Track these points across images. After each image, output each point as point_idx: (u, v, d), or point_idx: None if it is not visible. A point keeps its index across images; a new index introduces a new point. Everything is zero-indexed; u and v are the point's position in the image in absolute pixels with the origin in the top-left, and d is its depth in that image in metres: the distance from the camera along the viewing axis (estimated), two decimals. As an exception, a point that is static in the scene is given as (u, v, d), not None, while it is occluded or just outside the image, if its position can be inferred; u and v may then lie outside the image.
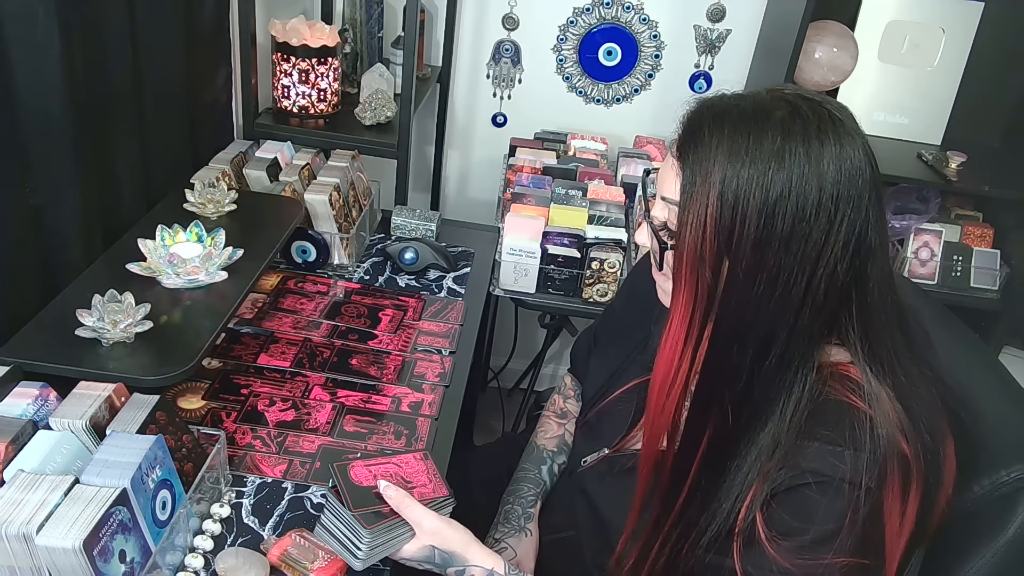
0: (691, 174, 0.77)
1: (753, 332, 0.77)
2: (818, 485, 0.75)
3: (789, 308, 0.75)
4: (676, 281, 0.80)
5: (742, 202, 0.74)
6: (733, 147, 0.75)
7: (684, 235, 0.77)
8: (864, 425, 0.75)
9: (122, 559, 0.79)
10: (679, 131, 0.81)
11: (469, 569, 0.90)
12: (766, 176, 0.73)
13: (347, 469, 0.94)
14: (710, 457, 0.80)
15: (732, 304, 0.77)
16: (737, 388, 0.78)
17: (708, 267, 0.76)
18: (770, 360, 0.77)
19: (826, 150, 0.74)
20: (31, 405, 0.89)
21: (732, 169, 0.74)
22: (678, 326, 0.80)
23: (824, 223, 0.74)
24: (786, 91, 0.79)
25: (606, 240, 1.63)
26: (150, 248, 1.16)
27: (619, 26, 2.10)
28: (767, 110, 0.76)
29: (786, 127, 0.75)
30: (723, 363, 0.79)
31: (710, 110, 0.79)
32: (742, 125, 0.75)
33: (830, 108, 0.77)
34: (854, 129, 0.77)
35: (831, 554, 0.73)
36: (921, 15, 1.92)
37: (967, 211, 2.05)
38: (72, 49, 1.07)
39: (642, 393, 0.98)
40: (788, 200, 0.73)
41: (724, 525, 0.78)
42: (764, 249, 0.74)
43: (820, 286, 0.75)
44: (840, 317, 0.78)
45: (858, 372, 0.78)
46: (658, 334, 1.02)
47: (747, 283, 0.75)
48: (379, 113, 1.73)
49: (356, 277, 1.52)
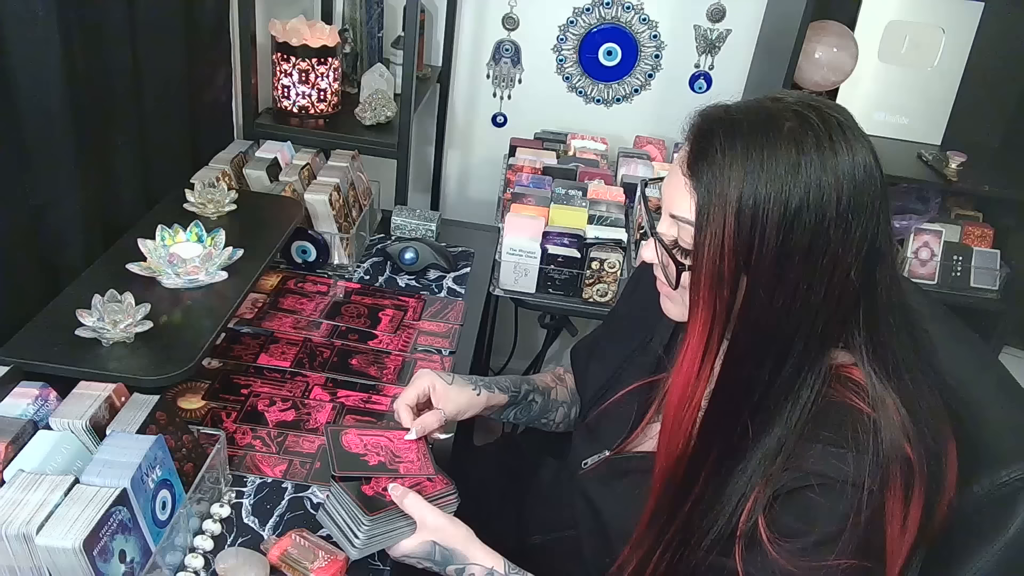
0: (707, 194, 0.75)
1: (771, 345, 0.76)
2: (821, 487, 0.74)
3: (806, 319, 0.75)
4: (693, 301, 0.79)
5: (761, 218, 0.73)
6: (748, 163, 0.73)
7: (701, 256, 0.76)
8: (867, 427, 0.75)
9: (122, 559, 0.79)
10: (687, 147, 0.79)
11: (469, 567, 0.90)
12: (783, 191, 0.72)
13: (340, 435, 0.96)
14: (718, 466, 0.80)
15: (750, 319, 0.76)
16: (754, 400, 0.78)
17: (727, 285, 0.75)
18: (786, 371, 0.77)
19: (840, 159, 0.73)
20: (31, 405, 0.89)
21: (749, 186, 0.73)
22: (696, 345, 0.79)
23: (841, 233, 0.73)
24: (789, 99, 0.78)
25: (606, 240, 1.63)
26: (150, 248, 1.16)
27: (619, 26, 2.10)
28: (777, 121, 0.75)
29: (799, 139, 0.74)
30: (740, 377, 0.78)
31: (719, 125, 0.77)
32: (755, 140, 0.74)
33: (837, 115, 0.76)
34: (861, 134, 0.77)
35: (833, 556, 0.73)
36: (921, 15, 1.92)
37: (967, 211, 2.05)
38: (72, 49, 1.07)
39: (643, 395, 0.98)
40: (806, 213, 0.72)
41: (726, 528, 0.78)
42: (783, 264, 0.73)
43: (835, 294, 0.75)
44: (849, 322, 0.78)
45: (861, 374, 0.78)
46: (660, 338, 1.02)
47: (766, 298, 0.74)
48: (379, 113, 1.73)
49: (356, 277, 1.52)
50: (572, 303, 1.67)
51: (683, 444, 0.82)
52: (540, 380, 1.20)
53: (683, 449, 0.82)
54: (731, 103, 0.80)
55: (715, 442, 0.80)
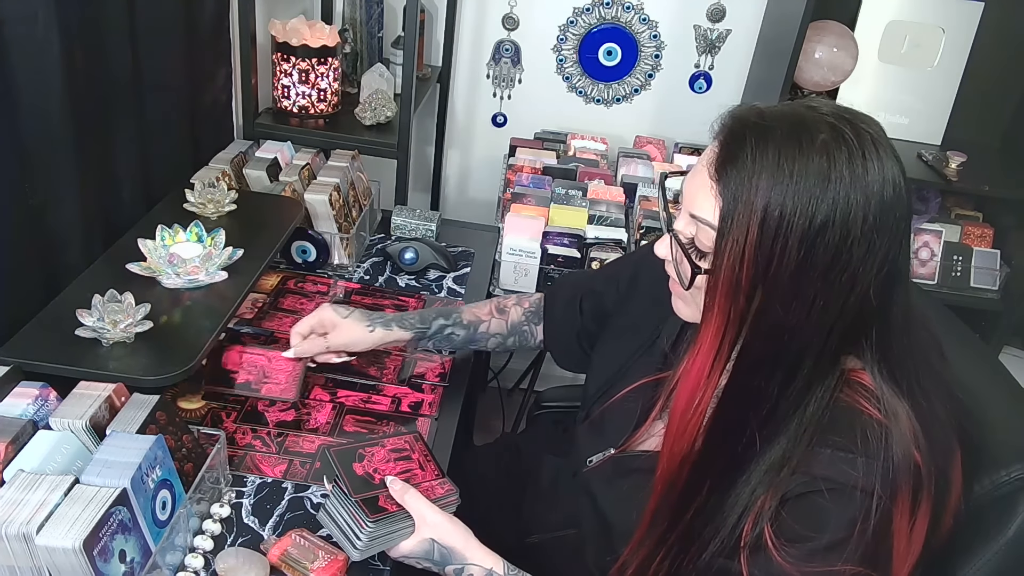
0: (733, 199, 0.74)
1: (782, 358, 0.75)
2: (830, 492, 0.74)
3: (819, 334, 0.74)
4: (707, 306, 0.78)
5: (784, 231, 0.71)
6: (778, 172, 0.72)
7: (721, 262, 0.75)
8: (877, 433, 0.74)
9: (122, 559, 0.79)
10: (716, 148, 0.77)
11: (468, 568, 0.90)
12: (811, 204, 0.71)
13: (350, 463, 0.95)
14: (723, 474, 0.79)
15: (763, 330, 0.75)
16: (762, 411, 0.77)
17: (743, 294, 0.74)
18: (795, 384, 0.76)
19: (870, 177, 0.72)
20: (31, 405, 0.89)
21: (776, 196, 0.71)
22: (707, 351, 0.78)
23: (863, 252, 0.72)
24: (824, 108, 0.76)
25: (606, 240, 1.63)
26: (150, 248, 1.16)
27: (619, 26, 2.10)
28: (811, 133, 0.73)
29: (831, 152, 0.72)
30: (749, 386, 0.77)
31: (752, 130, 0.75)
32: (787, 150, 0.72)
33: (872, 131, 0.75)
34: (892, 150, 0.75)
35: (840, 562, 0.72)
36: (921, 15, 1.92)
37: (967, 211, 2.05)
38: (72, 49, 1.07)
39: (648, 393, 0.98)
40: (831, 230, 0.71)
41: (729, 539, 0.77)
42: (802, 277, 0.72)
43: (851, 312, 0.74)
44: (861, 340, 0.77)
45: (870, 378, 0.77)
46: (668, 334, 1.02)
47: (781, 310, 0.73)
48: (379, 113, 1.73)
49: (356, 277, 1.52)
50: (572, 303, 1.67)
51: (687, 448, 0.81)
52: (469, 314, 1.23)
53: (687, 453, 0.81)
54: (764, 107, 0.78)
55: (720, 450, 0.79)
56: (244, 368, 0.96)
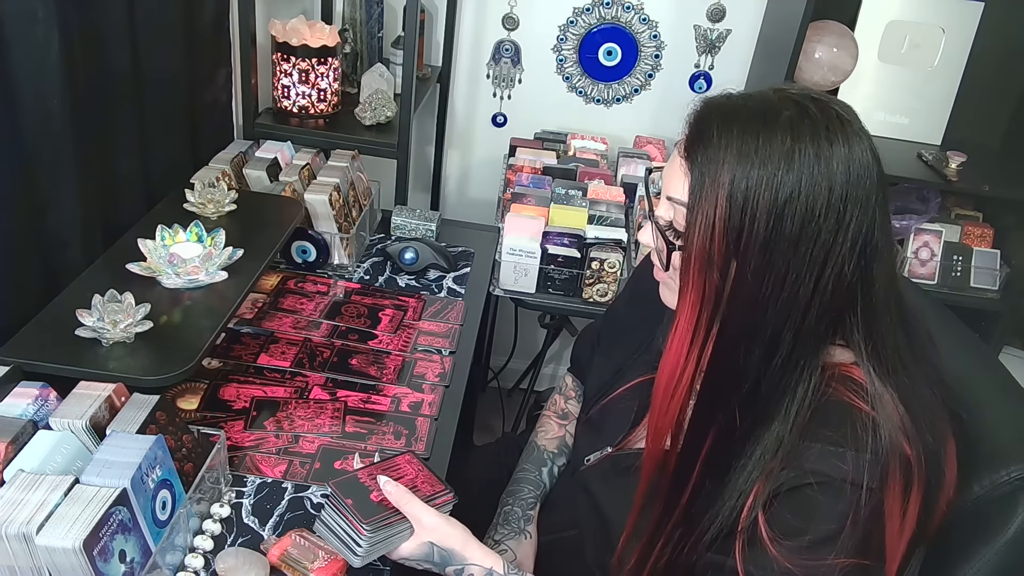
0: (700, 175, 0.76)
1: (760, 333, 0.77)
2: (820, 486, 0.75)
3: (796, 309, 0.75)
4: (683, 282, 0.79)
5: (751, 203, 0.74)
6: (743, 148, 0.74)
7: (692, 236, 0.77)
8: (866, 426, 0.75)
9: (122, 559, 0.79)
10: (686, 131, 0.80)
11: (468, 568, 0.90)
12: (776, 177, 0.73)
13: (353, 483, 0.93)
14: (714, 457, 0.80)
15: (739, 305, 0.77)
16: (743, 389, 0.78)
17: (716, 268, 0.76)
18: (776, 361, 0.77)
19: (835, 151, 0.74)
20: (31, 405, 0.89)
21: (742, 170, 0.74)
22: (684, 327, 0.79)
23: (833, 224, 0.74)
24: (792, 91, 0.79)
25: (606, 240, 1.63)
26: (150, 248, 1.16)
27: (619, 26, 2.10)
28: (775, 110, 0.76)
29: (795, 127, 0.74)
30: (729, 364, 0.79)
31: (718, 110, 0.78)
32: (751, 125, 0.75)
33: (837, 108, 0.77)
34: (861, 129, 0.77)
35: (832, 555, 0.73)
36: (921, 15, 1.92)
37: (967, 211, 2.05)
38: (72, 49, 1.06)
39: (645, 391, 0.98)
40: (798, 201, 0.73)
41: (726, 524, 0.78)
42: (772, 250, 0.74)
43: (827, 287, 0.75)
44: (845, 318, 0.78)
45: (861, 373, 0.78)
46: (663, 335, 1.02)
47: (755, 284, 0.75)
48: (379, 113, 1.73)
49: (356, 277, 1.52)
50: (572, 303, 1.67)
51: (672, 427, 0.82)
52: (550, 438, 1.18)
53: (672, 432, 0.82)
54: (734, 92, 0.81)
55: (706, 431, 0.80)
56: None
